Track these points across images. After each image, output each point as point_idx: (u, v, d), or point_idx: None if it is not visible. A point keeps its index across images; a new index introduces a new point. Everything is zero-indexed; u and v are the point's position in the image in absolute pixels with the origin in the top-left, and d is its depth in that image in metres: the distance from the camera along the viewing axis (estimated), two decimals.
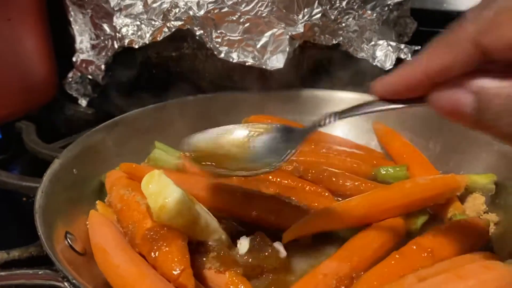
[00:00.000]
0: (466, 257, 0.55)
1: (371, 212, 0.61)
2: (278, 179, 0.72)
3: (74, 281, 0.45)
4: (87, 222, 0.62)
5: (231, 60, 0.86)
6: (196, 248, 0.56)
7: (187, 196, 0.55)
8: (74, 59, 1.07)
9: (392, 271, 0.53)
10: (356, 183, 0.71)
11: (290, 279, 0.57)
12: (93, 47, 1.03)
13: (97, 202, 0.68)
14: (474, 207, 0.67)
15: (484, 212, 0.67)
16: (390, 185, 0.68)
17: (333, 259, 0.56)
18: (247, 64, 0.86)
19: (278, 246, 0.60)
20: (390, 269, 0.54)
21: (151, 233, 0.53)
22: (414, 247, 0.56)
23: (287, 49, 0.86)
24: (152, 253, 0.51)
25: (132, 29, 0.89)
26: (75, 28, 1.07)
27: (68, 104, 1.16)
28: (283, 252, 0.59)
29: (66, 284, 0.47)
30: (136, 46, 0.89)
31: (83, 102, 1.15)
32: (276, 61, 0.87)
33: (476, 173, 0.71)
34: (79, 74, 1.08)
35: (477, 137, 0.75)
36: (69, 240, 0.56)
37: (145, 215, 0.56)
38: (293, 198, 0.67)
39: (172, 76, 0.94)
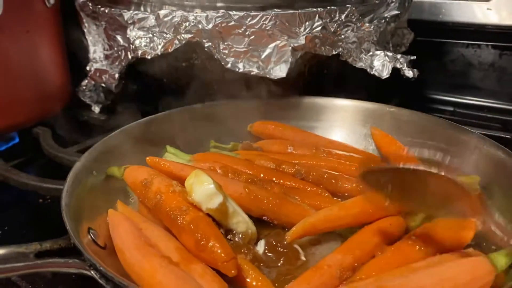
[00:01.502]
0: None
1: (366, 210, 0.66)
2: (282, 181, 0.77)
3: (101, 268, 0.50)
4: (107, 219, 0.67)
5: (237, 70, 0.91)
6: (225, 235, 0.64)
7: (219, 189, 0.64)
8: (88, 68, 1.13)
9: (389, 263, 0.59)
10: (354, 185, 0.77)
11: (295, 269, 0.63)
12: (106, 57, 1.10)
13: (117, 201, 0.73)
14: None
15: None
16: None
17: (338, 252, 0.61)
18: (252, 73, 0.92)
19: (298, 248, 0.66)
20: (387, 261, 0.60)
21: (195, 223, 0.60)
22: (409, 242, 0.62)
23: (290, 59, 0.92)
24: (202, 242, 0.58)
25: (145, 41, 0.95)
26: (89, 39, 1.13)
27: (81, 111, 1.22)
28: (301, 254, 0.65)
29: (93, 272, 0.53)
30: (149, 57, 0.94)
31: (96, 109, 1.21)
32: (279, 71, 0.92)
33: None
34: (93, 82, 1.14)
35: (468, 142, 0.81)
36: (92, 235, 0.61)
37: (187, 205, 0.63)
38: (297, 197, 0.73)
39: (182, 85, 0.99)
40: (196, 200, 0.63)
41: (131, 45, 0.97)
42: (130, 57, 0.98)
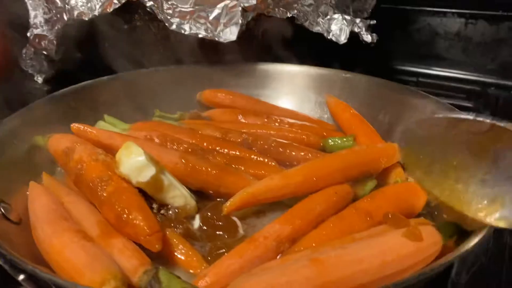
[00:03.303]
0: None
1: (309, 178, 0.61)
2: (226, 150, 0.72)
3: None
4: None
5: (183, 32, 0.84)
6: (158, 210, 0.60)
7: (152, 161, 0.58)
8: (28, 34, 1.04)
9: (331, 233, 0.54)
10: (302, 153, 0.72)
11: (232, 243, 0.57)
12: (46, 21, 1.01)
13: (43, 173, 0.66)
14: None
15: None
16: (329, 153, 0.69)
17: (276, 222, 0.56)
18: (199, 36, 0.85)
19: (237, 221, 0.61)
20: (328, 231, 0.55)
21: (117, 195, 0.55)
22: (354, 211, 0.57)
23: (240, 21, 0.85)
24: (123, 215, 0.52)
25: (81, 1, 0.86)
26: (29, 3, 1.03)
27: (24, 81, 1.13)
28: (240, 230, 0.60)
29: None
30: (86, 19, 0.87)
31: (39, 79, 1.12)
32: (230, 34, 0.86)
33: None
34: (32, 49, 1.05)
35: (424, 106, 0.76)
36: (2, 209, 0.55)
37: (109, 175, 0.57)
38: (241, 167, 0.68)
39: (125, 49, 0.92)
40: (124, 173, 0.57)
41: (67, 6, 0.88)
42: (66, 19, 0.90)
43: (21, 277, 0.43)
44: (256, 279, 0.43)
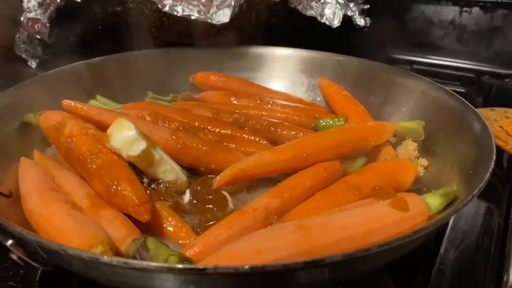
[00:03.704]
0: None
1: (299, 154, 0.61)
2: (217, 129, 0.72)
3: None
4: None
5: (175, 13, 0.84)
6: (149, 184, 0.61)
7: (143, 136, 0.58)
8: (21, 18, 1.04)
9: (319, 206, 0.55)
10: (293, 132, 0.72)
11: (222, 216, 0.57)
12: (39, 5, 1.00)
13: (34, 150, 0.67)
14: (406, 152, 0.69)
15: (416, 158, 0.69)
16: (319, 131, 0.70)
17: (265, 195, 0.56)
18: (192, 18, 0.85)
19: (227, 195, 0.62)
20: (316, 204, 0.55)
21: (106, 167, 0.55)
22: (342, 185, 0.58)
23: (233, 3, 0.85)
24: (112, 186, 0.53)
25: None
26: None
27: (17, 66, 1.13)
28: (230, 204, 0.61)
29: None
30: (79, 0, 0.86)
31: (33, 64, 1.12)
32: (223, 16, 0.86)
33: None
34: (26, 33, 1.05)
35: (416, 87, 0.77)
36: None
37: (99, 148, 0.57)
38: (232, 145, 0.68)
39: (118, 31, 0.92)
40: (115, 146, 0.58)
41: None
42: (58, 0, 0.90)
43: (10, 242, 0.43)
44: (243, 244, 0.43)
